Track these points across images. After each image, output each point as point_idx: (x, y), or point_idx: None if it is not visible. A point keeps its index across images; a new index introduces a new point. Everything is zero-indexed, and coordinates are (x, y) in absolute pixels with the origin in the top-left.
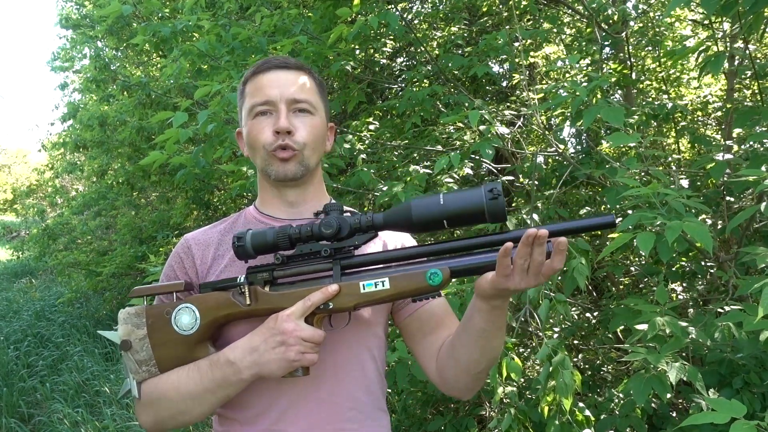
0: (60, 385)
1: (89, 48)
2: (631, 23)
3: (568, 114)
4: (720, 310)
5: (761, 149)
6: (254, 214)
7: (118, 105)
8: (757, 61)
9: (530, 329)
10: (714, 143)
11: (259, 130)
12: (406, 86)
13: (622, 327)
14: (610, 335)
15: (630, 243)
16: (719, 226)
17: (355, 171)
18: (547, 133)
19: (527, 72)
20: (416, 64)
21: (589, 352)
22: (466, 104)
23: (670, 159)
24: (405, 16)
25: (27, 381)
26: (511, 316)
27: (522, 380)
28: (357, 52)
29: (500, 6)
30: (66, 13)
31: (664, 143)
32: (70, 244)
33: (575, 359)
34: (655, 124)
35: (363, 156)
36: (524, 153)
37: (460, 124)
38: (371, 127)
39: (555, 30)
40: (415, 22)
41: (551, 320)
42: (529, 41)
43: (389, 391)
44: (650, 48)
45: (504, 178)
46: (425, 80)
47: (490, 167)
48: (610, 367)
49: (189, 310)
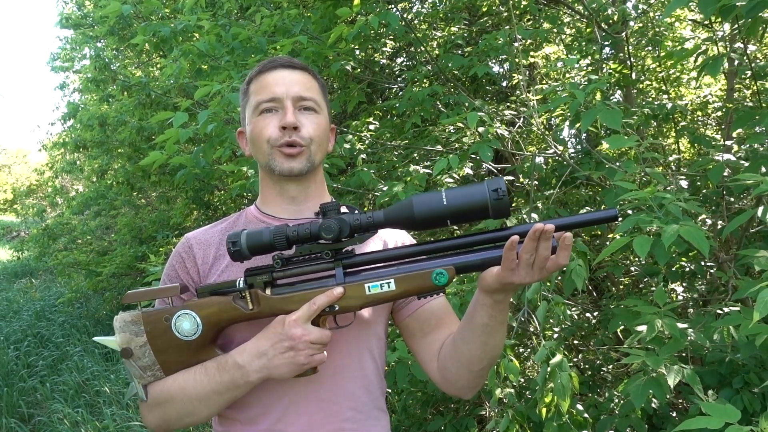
0: (60, 385)
1: (89, 48)
2: (631, 23)
3: (568, 114)
4: (719, 311)
5: (761, 149)
6: (255, 213)
7: (118, 105)
8: (756, 61)
9: (530, 329)
10: (714, 143)
11: (264, 126)
12: (406, 86)
13: (621, 327)
14: (609, 335)
15: (629, 244)
16: (719, 226)
17: (355, 171)
18: (546, 133)
19: (527, 72)
20: (416, 64)
21: (589, 352)
22: (466, 104)
23: (670, 159)
24: (405, 16)
25: (27, 381)
26: (511, 317)
27: (522, 380)
28: (357, 52)
29: (500, 6)
30: (66, 14)
31: (664, 143)
32: (70, 244)
33: (575, 359)
34: (654, 124)
35: (363, 156)
36: (524, 154)
37: (460, 125)
38: (371, 127)
39: (555, 30)
40: (415, 22)
41: (551, 321)
42: (529, 41)
43: (389, 391)
44: (650, 48)
45: (504, 178)
46: (425, 80)
47: (490, 167)
48: (610, 367)
49: (189, 317)
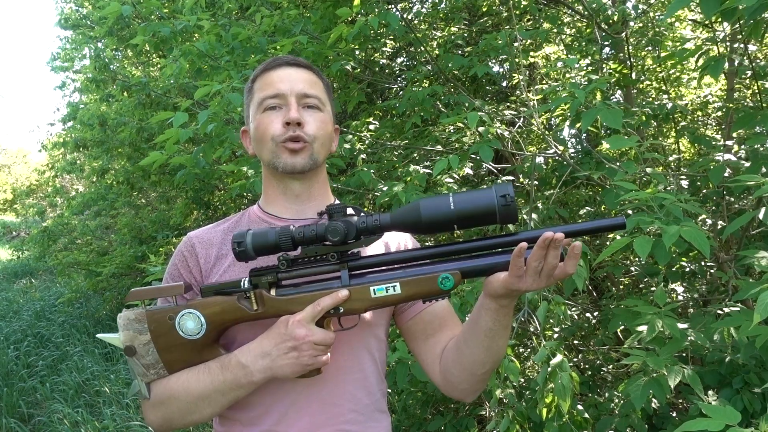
0: (60, 385)
1: (89, 48)
2: (631, 23)
3: (568, 114)
4: (720, 311)
5: (761, 149)
6: (258, 213)
7: (118, 105)
8: (757, 61)
9: (530, 329)
10: (714, 144)
11: (268, 122)
12: (406, 86)
13: (621, 327)
14: (610, 335)
15: (629, 245)
16: (719, 226)
17: (355, 171)
18: (546, 133)
19: (527, 72)
20: (416, 64)
21: (589, 353)
22: (466, 104)
23: (670, 159)
24: (405, 16)
25: (27, 381)
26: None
27: (522, 380)
28: (357, 52)
29: (500, 6)
30: (66, 14)
31: (664, 143)
32: (70, 245)
33: (575, 359)
34: (655, 124)
35: (363, 156)
36: (524, 154)
37: (460, 125)
38: (371, 127)
39: (555, 30)
40: (415, 22)
41: (551, 321)
42: (529, 41)
43: (389, 391)
44: (650, 48)
45: (504, 178)
46: (425, 80)
47: (490, 167)
48: (610, 367)
49: (193, 316)
